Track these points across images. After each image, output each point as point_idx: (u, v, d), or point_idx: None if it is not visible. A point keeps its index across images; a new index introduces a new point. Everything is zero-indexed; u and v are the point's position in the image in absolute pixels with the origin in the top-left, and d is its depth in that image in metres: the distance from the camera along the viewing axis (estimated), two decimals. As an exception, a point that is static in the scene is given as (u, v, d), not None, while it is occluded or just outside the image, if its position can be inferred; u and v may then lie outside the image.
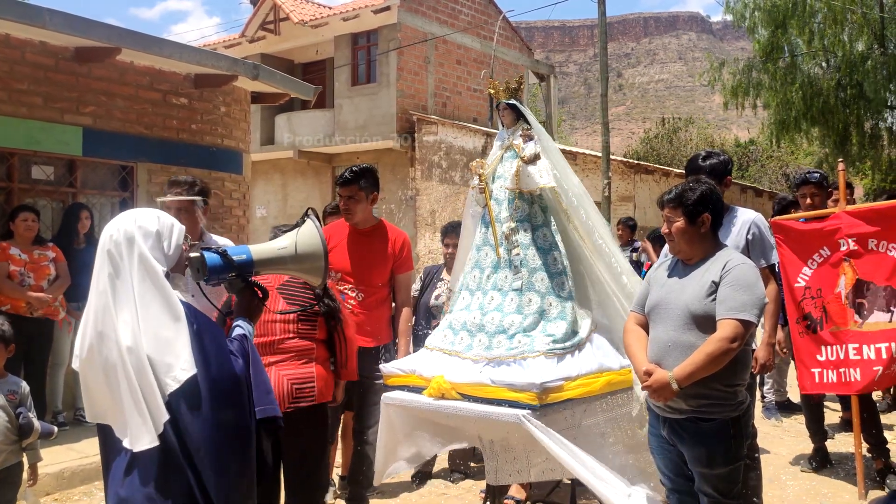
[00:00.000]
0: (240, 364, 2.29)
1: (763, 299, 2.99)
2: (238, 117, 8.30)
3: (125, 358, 2.08)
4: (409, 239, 4.48)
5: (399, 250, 4.32)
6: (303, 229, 2.58)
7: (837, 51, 18.72)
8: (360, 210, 4.23)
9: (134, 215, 2.30)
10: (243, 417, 2.26)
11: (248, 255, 2.47)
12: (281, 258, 2.56)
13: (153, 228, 2.26)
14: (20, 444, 3.75)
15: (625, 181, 18.90)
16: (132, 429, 2.08)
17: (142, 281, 2.16)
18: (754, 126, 29.54)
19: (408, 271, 4.41)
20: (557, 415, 3.42)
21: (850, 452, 5.47)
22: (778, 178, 29.32)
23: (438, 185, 17.35)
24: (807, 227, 4.83)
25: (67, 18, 6.10)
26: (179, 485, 2.11)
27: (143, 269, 2.17)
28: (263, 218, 20.15)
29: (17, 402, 3.75)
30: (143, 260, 2.18)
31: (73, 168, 6.89)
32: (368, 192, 4.23)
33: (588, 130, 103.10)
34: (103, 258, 2.20)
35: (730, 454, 2.99)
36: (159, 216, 2.33)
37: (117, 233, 2.22)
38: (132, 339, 2.09)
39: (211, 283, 2.46)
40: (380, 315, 4.30)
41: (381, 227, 4.35)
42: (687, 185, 3.15)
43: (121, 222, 2.26)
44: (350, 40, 19.00)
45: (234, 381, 2.24)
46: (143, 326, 2.11)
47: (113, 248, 2.20)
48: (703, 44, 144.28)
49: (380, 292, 4.28)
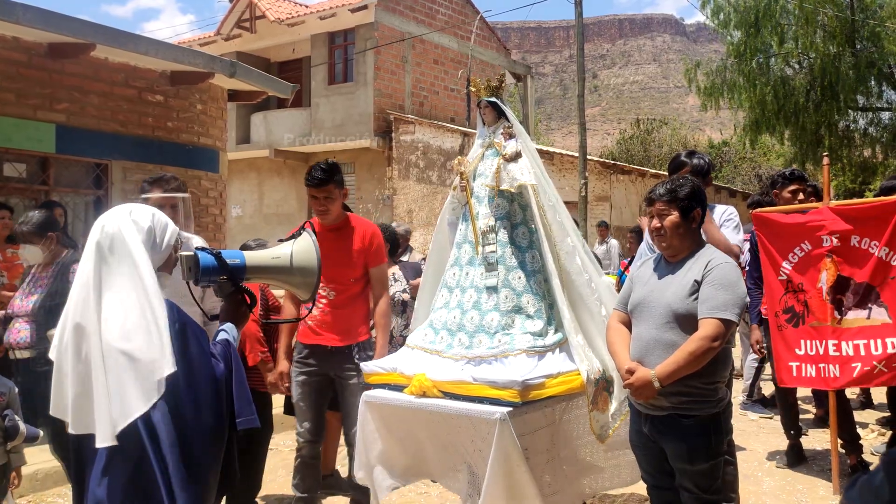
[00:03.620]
0: (220, 368, 2.26)
1: (744, 298, 3.02)
2: (214, 115, 8.24)
3: (102, 352, 2.05)
4: (379, 231, 4.38)
5: (370, 244, 4.22)
6: (300, 243, 2.55)
7: (809, 52, 18.98)
8: (335, 209, 4.16)
9: (129, 209, 2.28)
10: (219, 421, 2.22)
11: (241, 260, 2.44)
12: (273, 268, 2.54)
13: (146, 224, 2.24)
14: (5, 447, 3.67)
15: (601, 181, 19.02)
16: (100, 424, 2.05)
17: (128, 276, 2.13)
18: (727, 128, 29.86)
19: (380, 263, 4.31)
20: (538, 412, 3.43)
21: (823, 449, 5.55)
22: (751, 178, 29.66)
23: (415, 185, 17.34)
24: (788, 219, 4.82)
25: (41, 14, 6.00)
26: (152, 484, 2.08)
27: (131, 265, 2.14)
28: (239, 217, 20.00)
29: (4, 405, 3.67)
30: (132, 255, 2.15)
31: (45, 165, 6.79)
32: (340, 188, 4.15)
33: (564, 131, 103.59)
34: (91, 249, 2.17)
35: (710, 450, 3.02)
36: (154, 213, 2.31)
37: (110, 225, 2.19)
38: (111, 333, 2.06)
39: (200, 285, 2.43)
40: (353, 312, 4.21)
41: (348, 221, 4.23)
42: (677, 182, 3.17)
43: (115, 215, 2.24)
44: (327, 39, 18.92)
45: (213, 384, 2.21)
46: (125, 322, 2.07)
47: (103, 241, 2.17)
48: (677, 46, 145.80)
49: (353, 288, 4.19)
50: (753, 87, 19.31)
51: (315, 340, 4.14)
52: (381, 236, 4.38)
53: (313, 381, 4.21)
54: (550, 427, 3.55)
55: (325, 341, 4.12)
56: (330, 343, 4.13)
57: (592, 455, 3.78)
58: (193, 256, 2.36)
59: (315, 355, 4.18)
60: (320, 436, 4.33)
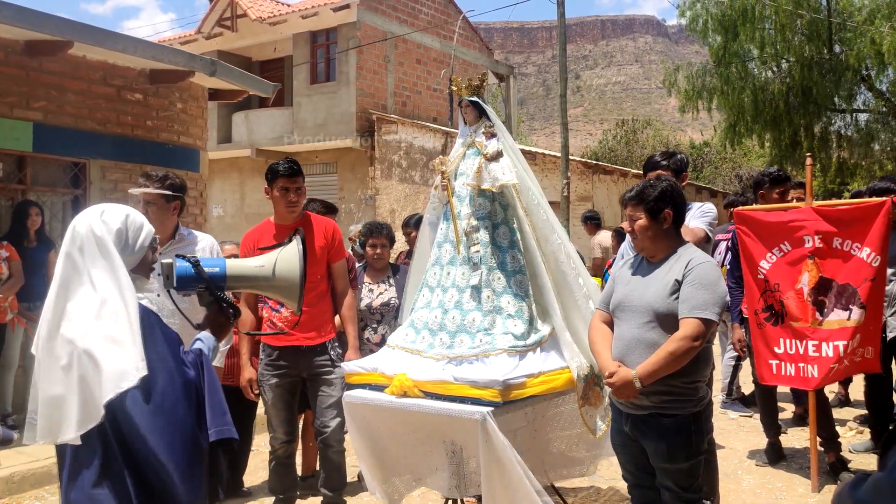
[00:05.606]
0: (191, 374, 2.21)
1: (724, 297, 3.03)
2: (195, 114, 8.17)
3: (71, 355, 2.02)
4: (338, 226, 4.37)
5: (331, 239, 4.22)
6: (285, 250, 2.49)
7: (787, 56, 19.16)
8: (302, 203, 4.15)
9: (101, 209, 2.24)
10: (188, 428, 2.15)
11: (221, 269, 2.39)
12: (255, 276, 2.49)
13: (116, 226, 2.20)
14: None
15: (583, 181, 19.09)
16: (65, 421, 2.02)
17: (98, 279, 2.10)
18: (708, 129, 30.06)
19: (342, 259, 4.30)
20: (519, 412, 3.44)
21: (802, 447, 5.59)
22: (731, 179, 29.86)
23: (398, 185, 17.31)
24: (770, 217, 4.82)
25: (17, 11, 5.91)
26: (121, 487, 2.05)
27: (101, 266, 2.11)
28: (220, 217, 19.87)
29: None
30: (103, 256, 2.12)
31: (22, 164, 6.70)
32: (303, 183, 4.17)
33: (547, 131, 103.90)
34: (63, 251, 2.15)
35: (690, 449, 3.03)
36: (129, 214, 2.26)
37: (81, 225, 2.17)
38: (81, 337, 2.03)
39: (181, 293, 2.40)
40: (322, 310, 4.19)
41: (308, 219, 4.20)
42: (648, 183, 3.19)
43: (87, 216, 2.20)
44: (309, 38, 18.83)
45: (183, 390, 2.16)
46: (95, 325, 2.04)
47: (74, 241, 2.14)
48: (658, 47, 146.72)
49: (321, 286, 4.18)
50: (733, 91, 19.48)
51: (286, 342, 4.09)
52: (341, 231, 4.38)
53: (285, 383, 4.19)
54: (532, 426, 3.56)
55: (298, 341, 4.09)
56: (303, 343, 4.11)
57: (574, 452, 3.80)
58: (170, 264, 2.32)
59: (286, 356, 4.15)
60: (294, 435, 4.34)
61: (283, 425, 4.21)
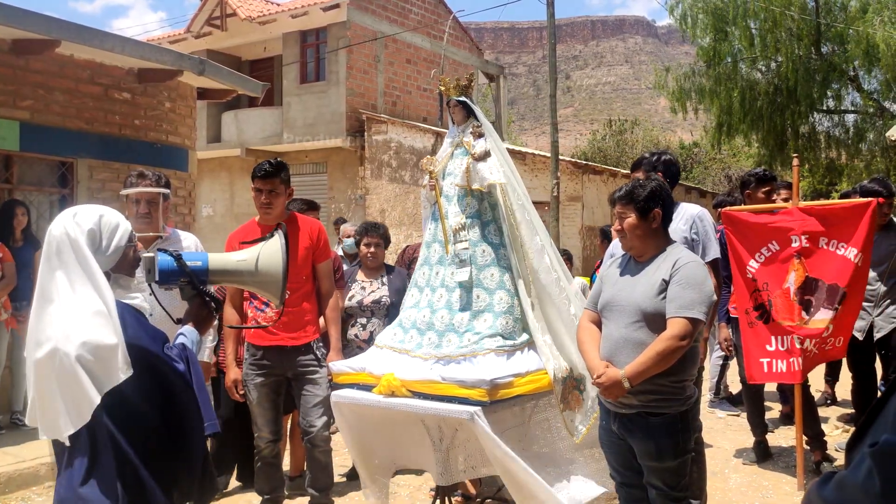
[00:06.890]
0: (181, 368, 2.21)
1: (712, 297, 3.04)
2: (183, 113, 8.14)
3: (55, 357, 2.01)
4: (323, 227, 4.38)
5: (317, 240, 4.21)
6: (267, 244, 2.48)
7: (776, 56, 19.24)
8: (279, 205, 4.13)
9: (74, 211, 2.23)
10: (165, 428, 2.16)
11: (203, 263, 2.38)
12: (238, 271, 2.48)
13: (88, 226, 2.18)
14: None
15: (573, 181, 19.13)
16: (56, 421, 2.03)
17: (75, 280, 2.09)
18: (698, 129, 30.18)
19: (327, 259, 4.30)
20: (507, 411, 3.45)
21: (789, 445, 5.63)
22: (721, 179, 29.98)
23: (388, 185, 17.30)
24: (757, 219, 4.85)
25: (4, 9, 5.87)
26: (109, 486, 2.06)
27: (76, 268, 2.10)
28: (210, 217, 19.81)
29: None
30: (77, 258, 2.11)
31: (9, 163, 6.66)
32: (286, 185, 4.14)
33: (537, 131, 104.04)
34: (43, 255, 2.16)
35: (678, 448, 3.04)
36: (102, 214, 2.24)
37: (56, 228, 2.16)
38: (63, 339, 2.02)
39: (163, 287, 2.39)
40: (307, 309, 4.19)
41: (293, 219, 4.20)
42: (637, 182, 3.19)
43: (62, 218, 2.20)
44: (299, 38, 18.80)
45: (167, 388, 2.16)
46: (74, 327, 2.03)
47: (50, 244, 2.14)
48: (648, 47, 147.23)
49: (305, 286, 4.17)
50: (721, 91, 19.56)
51: (271, 341, 4.09)
52: (326, 232, 4.39)
53: (270, 382, 4.18)
54: (521, 426, 3.57)
55: (282, 341, 4.09)
56: (287, 342, 4.10)
57: (564, 453, 3.81)
58: (151, 258, 2.31)
59: (270, 356, 4.14)
60: (279, 435, 4.33)
61: (269, 425, 4.21)
